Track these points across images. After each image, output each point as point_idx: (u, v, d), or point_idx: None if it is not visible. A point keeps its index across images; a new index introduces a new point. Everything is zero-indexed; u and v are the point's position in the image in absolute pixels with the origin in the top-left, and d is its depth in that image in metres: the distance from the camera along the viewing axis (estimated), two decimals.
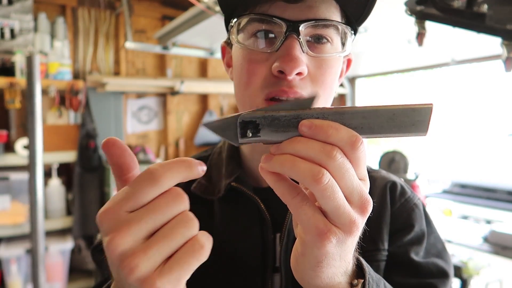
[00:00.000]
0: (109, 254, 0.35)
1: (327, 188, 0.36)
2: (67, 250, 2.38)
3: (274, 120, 0.38)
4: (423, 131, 0.39)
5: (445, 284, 0.63)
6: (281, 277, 0.61)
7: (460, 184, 2.68)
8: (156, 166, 0.36)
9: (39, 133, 1.61)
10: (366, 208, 0.39)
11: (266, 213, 0.63)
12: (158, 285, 0.34)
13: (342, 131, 0.37)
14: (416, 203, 0.69)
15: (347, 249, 0.41)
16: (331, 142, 0.37)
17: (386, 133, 0.38)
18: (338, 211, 0.37)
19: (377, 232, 0.65)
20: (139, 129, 3.01)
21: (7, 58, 2.28)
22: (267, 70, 0.54)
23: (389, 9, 1.44)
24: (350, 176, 0.37)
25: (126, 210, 0.35)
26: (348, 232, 0.38)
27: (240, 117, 0.38)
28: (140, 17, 2.91)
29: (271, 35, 0.54)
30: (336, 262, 0.41)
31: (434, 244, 0.68)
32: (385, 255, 0.64)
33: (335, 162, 0.36)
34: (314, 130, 0.37)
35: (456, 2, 0.90)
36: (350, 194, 0.38)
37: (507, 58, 0.90)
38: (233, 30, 0.58)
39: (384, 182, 0.70)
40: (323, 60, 0.55)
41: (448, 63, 2.45)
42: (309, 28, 0.53)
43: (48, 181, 2.38)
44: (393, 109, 0.38)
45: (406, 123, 0.38)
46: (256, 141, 0.39)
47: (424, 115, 0.38)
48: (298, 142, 0.37)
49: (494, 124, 3.01)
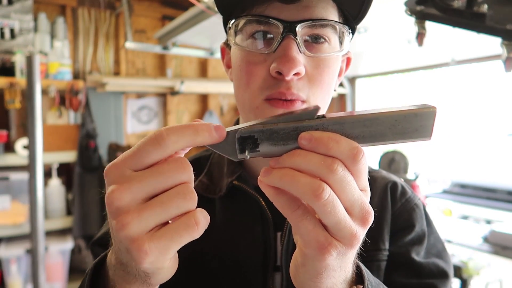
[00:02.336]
0: (107, 205, 0.36)
1: (328, 203, 0.35)
2: (67, 250, 2.38)
3: (273, 134, 0.37)
4: (427, 136, 0.37)
5: (445, 285, 0.63)
6: (282, 275, 0.61)
7: (460, 184, 2.68)
8: (162, 128, 0.36)
9: (39, 133, 1.61)
10: (367, 220, 0.38)
11: (268, 211, 0.63)
12: (145, 247, 0.35)
13: (343, 143, 0.36)
14: (417, 203, 0.70)
15: (347, 260, 0.40)
16: (332, 155, 0.36)
17: (388, 140, 0.37)
18: (339, 226, 0.37)
19: (378, 232, 0.65)
20: (139, 129, 3.01)
21: (7, 58, 2.28)
22: (265, 71, 0.54)
23: (389, 9, 1.44)
24: (351, 189, 0.37)
25: (130, 168, 0.36)
26: (349, 244, 0.38)
27: (238, 133, 0.37)
28: (140, 17, 2.91)
29: (268, 36, 0.55)
30: (336, 273, 0.40)
31: (434, 244, 0.68)
32: (386, 254, 0.64)
33: (336, 175, 0.35)
34: (314, 143, 0.36)
35: (456, 2, 0.90)
36: (351, 206, 0.37)
37: (507, 58, 0.90)
38: (231, 32, 0.58)
39: (385, 182, 0.70)
40: (321, 60, 0.55)
41: (448, 63, 2.45)
42: (306, 28, 0.53)
43: (48, 181, 2.38)
44: (395, 115, 0.36)
45: (408, 129, 0.37)
46: (256, 155, 0.38)
47: (427, 119, 0.37)
48: (298, 155, 0.36)
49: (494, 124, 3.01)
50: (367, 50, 2.25)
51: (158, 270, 0.39)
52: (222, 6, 0.60)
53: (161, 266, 0.38)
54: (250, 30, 0.55)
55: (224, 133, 0.37)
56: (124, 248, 0.37)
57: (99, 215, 2.50)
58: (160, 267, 0.38)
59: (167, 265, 0.40)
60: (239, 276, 0.62)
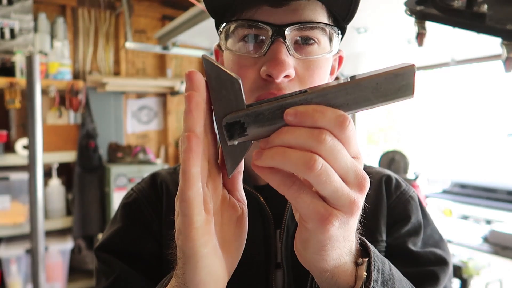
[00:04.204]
0: None
1: (322, 173, 0.35)
2: (67, 250, 2.38)
3: (259, 115, 0.37)
4: (409, 95, 0.38)
5: (444, 271, 0.63)
6: (283, 273, 0.61)
7: (460, 184, 2.68)
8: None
9: (39, 133, 1.61)
10: (364, 185, 0.38)
11: (268, 209, 0.63)
12: None
13: (328, 113, 0.36)
14: (412, 195, 0.71)
15: (350, 229, 0.40)
16: (319, 126, 0.36)
17: (373, 104, 0.38)
18: (336, 194, 0.37)
19: (375, 224, 0.66)
20: (139, 129, 3.01)
21: (7, 58, 2.28)
22: (256, 74, 0.55)
23: (389, 9, 1.44)
24: (343, 157, 0.37)
25: None
26: (350, 212, 0.38)
27: (224, 120, 0.38)
28: (140, 17, 2.91)
29: (258, 39, 0.55)
30: (340, 244, 0.40)
31: (431, 235, 0.69)
32: (383, 246, 0.65)
33: (326, 145, 0.36)
34: (299, 117, 0.36)
35: (456, 2, 0.90)
36: (345, 174, 0.37)
37: (507, 58, 0.90)
38: (222, 36, 0.59)
39: (379, 176, 0.71)
40: (311, 61, 0.56)
41: (448, 63, 2.45)
42: (294, 31, 0.54)
43: (48, 181, 2.38)
44: (375, 79, 0.37)
45: (391, 90, 0.37)
46: (245, 139, 0.38)
47: (408, 77, 0.37)
48: (286, 132, 0.36)
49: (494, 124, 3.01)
50: (367, 50, 2.25)
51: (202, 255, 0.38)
52: (213, 10, 0.61)
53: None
54: (241, 34, 0.56)
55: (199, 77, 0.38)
56: None
57: (99, 215, 2.50)
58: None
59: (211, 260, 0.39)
60: (241, 275, 0.62)
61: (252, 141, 0.39)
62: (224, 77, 0.37)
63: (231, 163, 0.40)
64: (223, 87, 0.38)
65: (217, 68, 0.38)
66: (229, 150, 0.39)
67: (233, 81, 0.37)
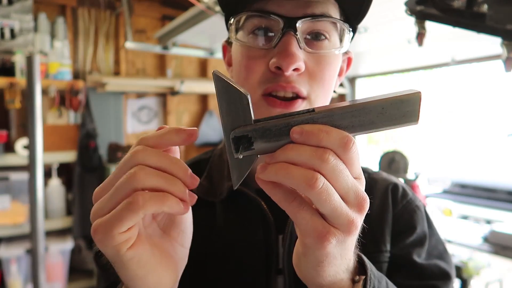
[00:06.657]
0: None
1: (322, 192, 0.36)
2: (67, 250, 2.38)
3: (266, 131, 0.38)
4: (414, 121, 0.38)
5: (447, 286, 0.63)
6: (284, 279, 0.60)
7: (460, 184, 2.68)
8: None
9: (39, 133, 1.61)
10: (363, 206, 0.39)
11: (270, 214, 0.62)
12: None
13: (333, 133, 0.37)
14: (418, 205, 0.70)
15: (347, 248, 0.41)
16: (323, 146, 0.37)
17: (377, 127, 0.38)
18: (335, 213, 0.37)
19: (379, 233, 0.65)
20: (139, 129, 3.01)
21: (7, 58, 2.28)
22: (265, 66, 0.55)
23: (389, 9, 1.45)
24: (345, 177, 0.37)
25: None
26: (347, 232, 0.38)
27: (232, 133, 0.39)
28: (140, 17, 2.91)
29: (269, 31, 0.55)
30: (337, 261, 0.41)
31: (436, 246, 0.68)
32: (387, 256, 0.64)
33: (329, 164, 0.36)
34: (305, 136, 0.37)
35: (456, 2, 0.90)
36: (346, 194, 0.38)
37: (507, 58, 0.90)
38: (232, 28, 0.58)
39: (386, 184, 0.70)
40: (321, 57, 0.55)
41: (448, 63, 2.45)
42: (306, 24, 0.53)
43: (48, 181, 2.38)
44: (382, 103, 0.38)
45: (396, 115, 0.38)
46: (252, 153, 0.39)
47: (413, 104, 0.38)
48: (291, 149, 0.37)
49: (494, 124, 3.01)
50: (367, 50, 2.25)
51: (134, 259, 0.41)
52: (223, 3, 0.60)
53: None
54: (251, 25, 0.56)
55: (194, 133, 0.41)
56: None
57: None
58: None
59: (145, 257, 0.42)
60: (242, 280, 0.61)
61: (258, 155, 0.40)
62: (233, 92, 0.38)
63: (237, 175, 0.41)
64: (232, 102, 0.39)
65: (226, 83, 0.38)
66: (236, 162, 0.40)
67: (241, 96, 0.38)
